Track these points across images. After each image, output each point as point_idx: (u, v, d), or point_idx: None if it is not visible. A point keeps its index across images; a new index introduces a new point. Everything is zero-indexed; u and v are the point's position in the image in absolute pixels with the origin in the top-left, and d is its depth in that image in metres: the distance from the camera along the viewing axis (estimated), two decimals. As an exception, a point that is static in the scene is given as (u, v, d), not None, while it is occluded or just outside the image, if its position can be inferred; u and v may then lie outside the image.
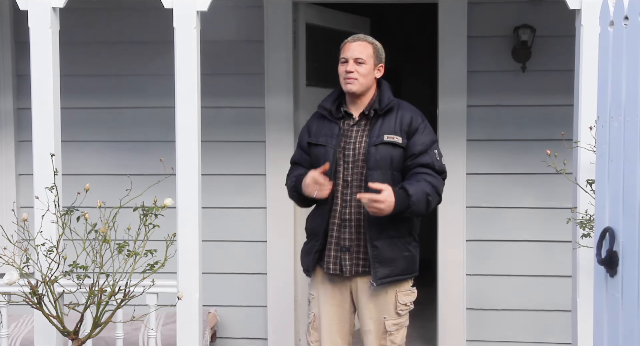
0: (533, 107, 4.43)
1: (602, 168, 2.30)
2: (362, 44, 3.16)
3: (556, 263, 4.37)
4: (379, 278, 3.07)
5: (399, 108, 3.17)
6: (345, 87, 3.13)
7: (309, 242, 3.25)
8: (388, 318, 3.13)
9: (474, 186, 4.48)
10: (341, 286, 3.19)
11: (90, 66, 4.54)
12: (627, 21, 2.14)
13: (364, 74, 3.12)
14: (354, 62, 3.12)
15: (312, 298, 3.26)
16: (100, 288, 2.84)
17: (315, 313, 3.22)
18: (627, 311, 2.15)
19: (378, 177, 3.06)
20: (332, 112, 3.19)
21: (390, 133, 3.10)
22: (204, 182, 3.41)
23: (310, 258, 3.19)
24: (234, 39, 4.52)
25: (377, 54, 3.19)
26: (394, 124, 3.12)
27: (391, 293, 3.13)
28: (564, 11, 3.29)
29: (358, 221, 3.10)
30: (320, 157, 3.15)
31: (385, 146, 3.09)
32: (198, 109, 3.28)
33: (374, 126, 3.13)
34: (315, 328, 3.22)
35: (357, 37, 3.20)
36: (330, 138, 3.15)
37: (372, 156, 3.07)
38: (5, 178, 4.59)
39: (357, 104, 3.19)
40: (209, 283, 3.78)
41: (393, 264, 3.10)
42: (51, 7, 3.26)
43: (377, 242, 3.07)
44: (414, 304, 3.26)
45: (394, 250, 3.10)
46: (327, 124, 3.19)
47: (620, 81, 2.18)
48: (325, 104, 3.23)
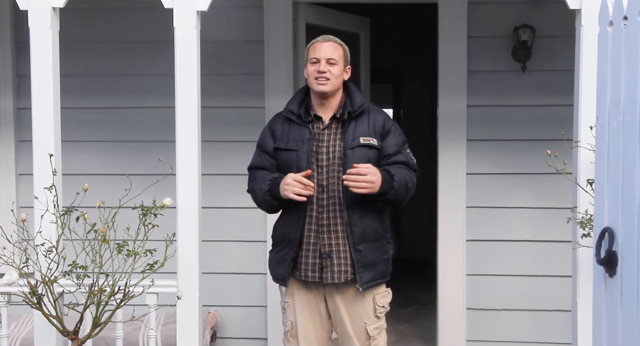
0: (533, 107, 4.44)
1: (601, 168, 2.30)
2: (334, 45, 3.12)
3: (556, 263, 4.37)
4: (365, 283, 3.05)
5: (370, 111, 3.15)
6: (318, 87, 3.06)
7: (280, 250, 3.14)
8: (369, 323, 3.12)
9: (474, 186, 4.48)
10: (315, 293, 3.14)
11: (90, 66, 4.55)
12: (626, 21, 2.14)
13: (337, 74, 3.08)
14: (326, 62, 3.07)
15: (287, 305, 3.19)
16: (99, 288, 2.83)
17: (292, 321, 3.18)
18: (626, 311, 2.15)
19: None
20: (301, 115, 3.12)
21: (365, 135, 3.08)
22: (204, 182, 3.41)
23: (285, 266, 3.10)
24: (234, 39, 4.52)
25: (346, 55, 3.16)
26: (367, 127, 3.10)
27: (368, 296, 3.12)
28: (564, 11, 3.29)
29: (337, 226, 3.06)
30: (292, 162, 3.07)
31: (362, 149, 3.07)
32: (198, 109, 3.28)
33: (347, 128, 3.09)
34: (294, 335, 3.18)
35: (328, 38, 3.15)
36: (301, 143, 3.08)
37: (350, 159, 3.03)
38: (5, 178, 4.59)
39: (325, 107, 3.13)
40: (209, 283, 3.78)
41: (376, 268, 3.09)
42: (51, 7, 3.26)
43: (360, 246, 3.05)
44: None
45: (375, 253, 3.09)
46: (296, 128, 3.11)
47: (619, 81, 2.18)
48: (291, 107, 3.15)
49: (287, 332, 3.21)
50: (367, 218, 3.06)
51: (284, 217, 3.17)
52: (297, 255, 3.09)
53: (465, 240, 4.48)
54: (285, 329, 3.22)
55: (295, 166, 3.06)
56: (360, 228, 3.05)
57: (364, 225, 3.05)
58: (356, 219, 3.04)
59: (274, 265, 3.17)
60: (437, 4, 4.49)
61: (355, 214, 3.04)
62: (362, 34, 5.13)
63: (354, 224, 3.04)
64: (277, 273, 3.15)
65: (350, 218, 3.03)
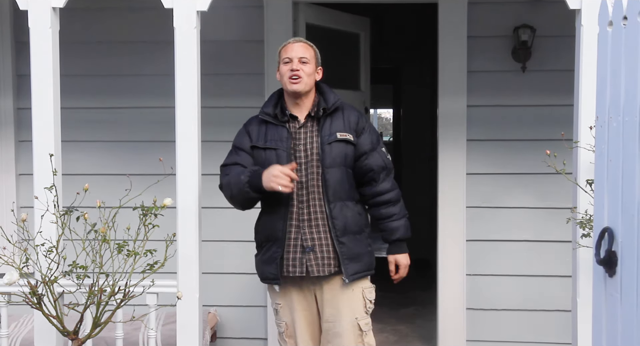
0: (533, 107, 4.44)
1: (601, 168, 2.30)
2: (304, 45, 3.18)
3: (556, 263, 4.37)
4: (350, 274, 3.10)
5: (344, 108, 3.21)
6: (292, 87, 3.10)
7: (267, 249, 3.16)
8: (360, 318, 3.15)
9: (474, 186, 4.48)
10: (305, 290, 3.17)
11: (90, 66, 4.55)
12: (625, 21, 2.14)
13: (309, 73, 3.13)
14: (299, 61, 3.11)
15: (279, 307, 3.21)
16: (100, 288, 2.84)
17: (287, 321, 3.19)
18: (625, 311, 2.15)
19: (336, 174, 3.11)
20: (277, 116, 3.16)
21: (341, 131, 3.14)
22: (204, 182, 3.41)
23: (275, 265, 3.12)
24: (234, 39, 4.52)
25: (316, 56, 3.21)
26: (342, 123, 3.16)
27: (357, 291, 3.16)
28: (564, 11, 3.29)
29: (318, 220, 3.10)
30: (272, 160, 3.09)
31: (339, 144, 3.13)
32: (198, 109, 3.28)
33: (323, 125, 3.14)
34: (290, 335, 3.20)
35: (298, 39, 3.23)
36: (280, 141, 3.12)
37: (328, 155, 3.10)
38: (5, 178, 4.59)
39: (300, 106, 3.17)
40: (209, 283, 3.78)
41: (361, 260, 3.15)
42: (51, 7, 3.26)
43: (343, 238, 3.10)
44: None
45: (359, 245, 3.15)
46: (273, 129, 3.14)
47: (619, 81, 2.18)
48: (267, 110, 3.19)
49: (282, 333, 3.22)
50: (347, 211, 3.14)
51: (265, 217, 3.19)
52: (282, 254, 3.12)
53: (465, 240, 4.48)
54: (280, 330, 3.23)
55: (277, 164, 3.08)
56: (341, 221, 3.11)
57: (345, 218, 3.11)
58: (337, 213, 3.10)
59: (263, 266, 3.19)
60: (437, 4, 4.49)
61: (335, 208, 3.10)
62: (362, 34, 5.13)
63: (335, 217, 3.10)
64: (268, 273, 3.16)
65: (332, 211, 3.09)
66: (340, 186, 3.12)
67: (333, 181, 3.10)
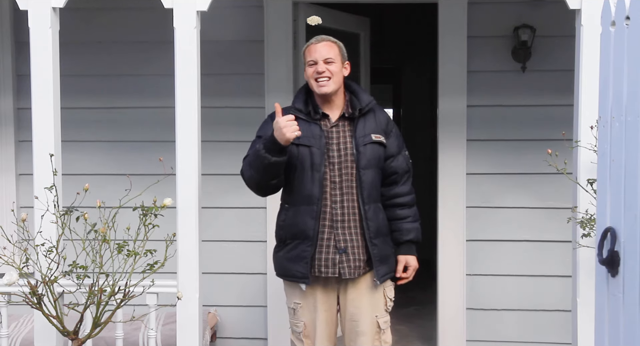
0: (533, 107, 4.43)
1: (604, 168, 2.29)
2: (328, 44, 3.13)
3: (556, 263, 4.37)
4: (381, 276, 3.13)
5: (376, 109, 3.23)
6: (320, 89, 3.08)
7: (294, 247, 3.12)
8: (380, 316, 3.18)
9: (474, 186, 4.48)
10: (329, 290, 3.17)
11: (90, 66, 4.54)
12: (628, 21, 2.14)
13: (336, 72, 3.10)
14: (324, 62, 3.08)
15: (299, 307, 3.19)
16: (100, 288, 2.83)
17: (306, 321, 3.18)
18: (628, 311, 2.15)
19: (370, 175, 3.12)
20: (310, 113, 3.14)
21: (375, 132, 3.15)
22: (204, 182, 3.40)
23: (304, 264, 3.09)
24: (234, 39, 4.52)
25: (342, 52, 3.18)
26: (374, 124, 3.17)
27: (379, 290, 3.18)
28: (564, 11, 3.29)
29: (351, 222, 3.10)
30: (306, 158, 3.08)
31: (373, 145, 3.14)
32: (198, 109, 3.27)
33: (357, 126, 3.14)
34: (307, 335, 3.19)
35: (321, 38, 3.17)
36: (313, 139, 3.10)
37: (363, 156, 3.10)
38: (5, 178, 4.59)
39: (331, 105, 3.15)
40: (209, 283, 3.78)
41: (389, 261, 3.19)
42: (51, 7, 3.26)
43: (376, 240, 3.12)
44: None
45: (387, 247, 3.19)
46: (304, 125, 3.09)
47: (621, 80, 2.18)
48: (298, 106, 3.15)
49: (299, 333, 3.21)
50: (379, 213, 3.17)
51: (292, 213, 3.14)
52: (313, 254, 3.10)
53: (465, 240, 4.48)
54: (298, 330, 3.21)
55: (310, 162, 3.08)
56: (375, 222, 3.12)
57: (377, 220, 3.14)
58: (371, 214, 3.12)
59: (289, 264, 3.14)
60: (437, 4, 4.48)
61: (370, 210, 3.12)
62: (362, 34, 5.13)
63: (370, 219, 3.11)
64: (296, 271, 3.11)
65: (367, 213, 3.10)
66: (374, 188, 3.14)
67: (368, 183, 3.11)
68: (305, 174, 3.09)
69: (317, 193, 3.07)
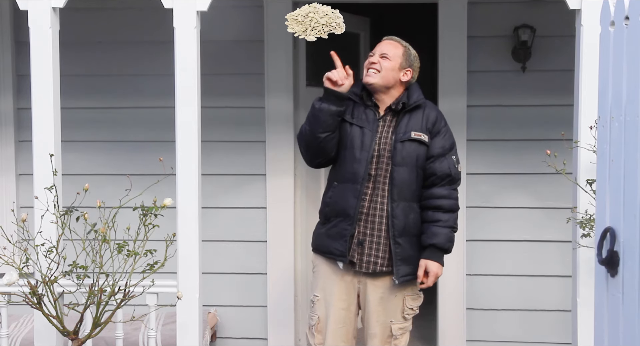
0: (533, 107, 4.43)
1: (603, 168, 2.29)
2: (393, 43, 3.22)
3: (556, 263, 4.37)
4: (401, 276, 3.08)
5: (426, 107, 3.19)
6: (365, 79, 3.14)
7: (337, 224, 3.12)
8: (395, 322, 3.14)
9: (473, 186, 4.48)
10: (349, 287, 3.16)
11: (90, 66, 4.54)
12: (627, 21, 2.14)
13: (388, 68, 3.13)
14: (380, 56, 3.15)
15: (316, 300, 3.20)
16: (100, 288, 2.83)
17: (320, 316, 3.18)
18: (627, 311, 2.15)
19: (404, 173, 3.08)
20: (363, 97, 3.17)
21: (417, 130, 3.12)
22: (204, 182, 3.40)
23: (344, 242, 3.08)
24: (234, 39, 4.52)
25: (406, 56, 3.21)
26: (420, 122, 3.14)
27: (399, 296, 3.14)
28: (564, 11, 3.29)
29: (375, 217, 3.09)
30: (356, 138, 3.11)
31: (412, 143, 3.10)
32: (198, 109, 3.27)
33: (401, 121, 3.13)
34: (319, 330, 3.18)
35: (391, 37, 3.27)
36: (367, 122, 3.12)
37: (399, 153, 3.08)
38: (5, 178, 4.59)
39: (380, 102, 3.18)
40: (209, 283, 3.78)
41: (413, 263, 3.11)
42: (51, 7, 3.26)
43: (400, 239, 3.08)
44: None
45: (414, 248, 3.11)
46: (359, 108, 3.16)
47: (621, 81, 2.18)
48: (355, 90, 3.19)
49: (313, 326, 3.21)
50: (410, 213, 3.10)
51: (338, 192, 3.14)
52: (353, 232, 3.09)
53: (465, 240, 4.47)
54: (312, 323, 3.21)
55: (360, 142, 3.10)
56: (402, 221, 3.08)
57: (406, 219, 3.08)
58: (399, 212, 3.07)
59: (328, 240, 3.15)
60: (437, 4, 4.48)
61: (398, 207, 3.08)
62: (362, 34, 5.12)
63: (396, 216, 3.07)
64: (335, 249, 3.12)
65: (393, 210, 3.06)
66: (407, 186, 3.09)
67: (400, 180, 3.08)
68: (354, 151, 3.10)
69: (363, 172, 3.07)
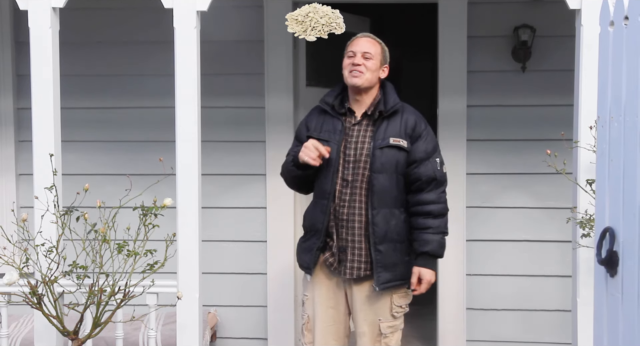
0: (533, 107, 4.43)
1: (602, 168, 2.29)
2: (371, 41, 3.18)
3: (556, 263, 4.37)
4: (382, 283, 3.07)
5: (404, 111, 3.17)
6: (351, 80, 3.11)
7: (308, 239, 3.20)
8: (383, 320, 3.14)
9: (474, 186, 4.48)
10: (337, 288, 3.17)
11: (91, 65, 4.54)
12: (627, 21, 2.14)
13: (371, 68, 3.12)
14: (362, 56, 3.12)
15: (306, 299, 3.23)
16: (100, 288, 2.83)
17: (310, 315, 3.21)
18: (627, 311, 2.15)
19: (384, 180, 3.07)
20: (335, 107, 3.17)
21: (396, 136, 3.10)
22: (204, 182, 3.40)
23: (311, 255, 3.15)
24: (234, 39, 4.52)
25: (384, 53, 3.20)
26: (399, 127, 3.12)
27: (386, 295, 3.13)
28: (564, 11, 3.29)
29: (355, 223, 3.09)
30: None
31: (391, 149, 3.08)
32: (198, 109, 3.27)
33: (379, 127, 3.11)
34: (309, 329, 3.21)
35: (367, 34, 3.23)
36: (333, 134, 3.13)
37: (378, 159, 3.06)
38: (5, 178, 4.59)
39: (359, 102, 3.16)
40: (209, 283, 3.78)
41: (395, 269, 3.09)
42: (51, 7, 3.26)
43: (381, 246, 3.06)
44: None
45: (397, 255, 3.09)
46: (329, 120, 3.16)
47: (620, 81, 2.18)
48: (327, 99, 3.20)
49: (303, 325, 3.24)
50: (392, 219, 3.08)
51: (312, 205, 3.21)
52: (324, 245, 3.13)
53: (465, 240, 4.48)
54: (303, 321, 3.25)
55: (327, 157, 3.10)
56: (383, 228, 3.06)
57: (387, 226, 3.06)
58: (379, 219, 3.06)
59: (302, 253, 3.23)
60: (437, 4, 4.48)
61: (379, 215, 3.06)
62: (362, 34, 5.11)
63: (376, 224, 3.05)
64: (304, 261, 3.20)
65: (374, 218, 3.05)
66: (388, 193, 3.08)
67: (380, 188, 3.06)
68: (322, 168, 3.12)
69: (329, 187, 3.09)
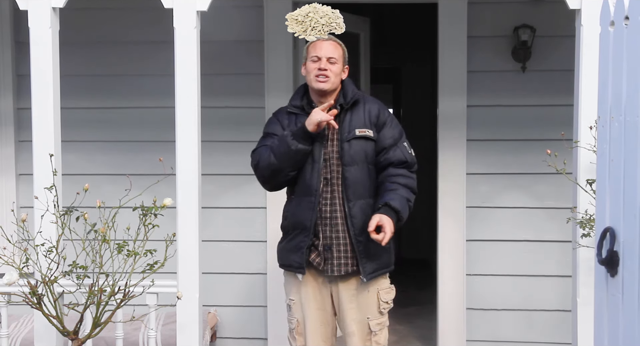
0: (533, 107, 4.43)
1: (603, 168, 2.30)
2: (334, 44, 3.16)
3: (556, 263, 4.37)
4: (368, 273, 3.08)
5: (365, 101, 3.18)
6: (318, 85, 3.10)
7: (294, 237, 3.14)
8: (372, 318, 3.14)
9: (474, 186, 4.48)
10: (322, 288, 3.16)
11: (90, 66, 4.54)
12: (627, 21, 2.14)
13: (337, 73, 3.12)
14: (327, 60, 3.10)
15: (292, 303, 3.20)
16: (99, 288, 2.83)
17: (299, 318, 3.19)
18: (627, 311, 2.15)
19: (356, 172, 3.08)
20: (304, 108, 3.16)
21: (361, 127, 3.12)
22: (204, 182, 3.40)
23: (301, 254, 3.09)
24: (234, 39, 4.52)
25: (344, 55, 3.20)
26: (363, 118, 3.13)
27: (372, 292, 3.14)
28: (564, 11, 3.29)
29: (337, 219, 3.09)
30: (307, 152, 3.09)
31: (358, 141, 3.10)
32: (198, 109, 3.28)
33: (343, 121, 3.12)
34: (300, 333, 3.19)
35: (331, 38, 3.18)
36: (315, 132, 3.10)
37: (347, 152, 3.08)
38: (5, 178, 4.59)
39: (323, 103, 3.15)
40: (209, 283, 3.78)
41: (379, 259, 3.11)
42: (51, 7, 3.26)
43: (362, 237, 3.07)
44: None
45: (377, 244, 3.06)
46: (302, 118, 3.11)
47: (620, 81, 2.18)
48: (294, 102, 3.20)
49: (292, 329, 3.22)
50: (368, 209, 3.08)
51: (294, 205, 3.16)
52: (311, 243, 3.11)
53: (465, 240, 4.48)
54: (291, 326, 3.22)
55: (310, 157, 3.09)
56: (360, 219, 3.07)
57: (364, 217, 3.06)
58: (356, 211, 3.07)
59: (287, 254, 3.16)
60: (437, 4, 4.48)
61: (355, 206, 3.08)
62: (362, 34, 5.12)
63: (354, 216, 3.07)
64: (293, 261, 3.13)
65: (350, 210, 3.07)
66: (361, 184, 3.10)
67: (352, 180, 3.08)
68: (306, 165, 3.10)
69: (315, 183, 3.08)
